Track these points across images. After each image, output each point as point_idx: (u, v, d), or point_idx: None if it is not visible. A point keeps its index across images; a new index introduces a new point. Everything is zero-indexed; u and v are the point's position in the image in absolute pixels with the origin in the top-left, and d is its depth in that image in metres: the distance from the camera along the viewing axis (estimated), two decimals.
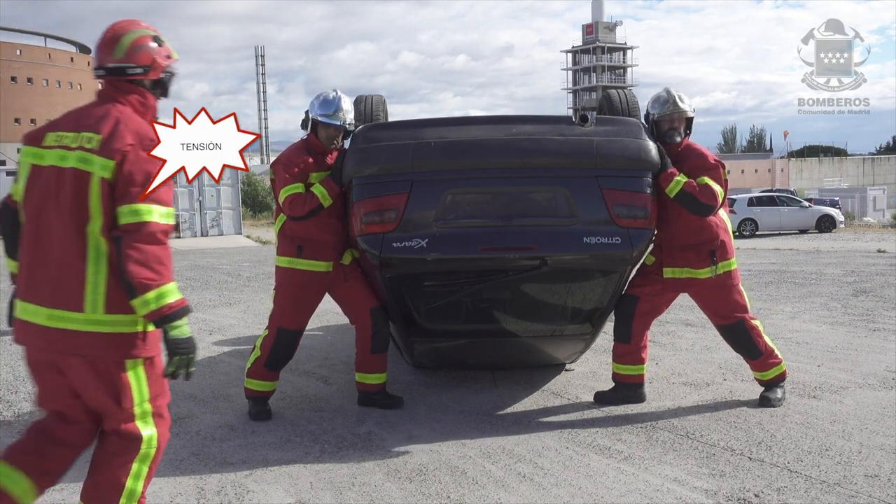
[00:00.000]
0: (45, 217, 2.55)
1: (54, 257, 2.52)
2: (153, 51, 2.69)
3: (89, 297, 2.50)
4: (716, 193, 4.30)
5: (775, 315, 7.72)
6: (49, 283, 2.53)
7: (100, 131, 2.53)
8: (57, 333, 2.52)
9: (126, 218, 2.49)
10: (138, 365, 2.59)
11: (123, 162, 2.49)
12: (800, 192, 39.60)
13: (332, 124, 4.44)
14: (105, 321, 2.51)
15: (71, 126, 2.61)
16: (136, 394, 2.59)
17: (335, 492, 3.46)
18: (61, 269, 2.51)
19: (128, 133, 2.54)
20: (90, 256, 2.50)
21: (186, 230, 22.02)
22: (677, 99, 4.53)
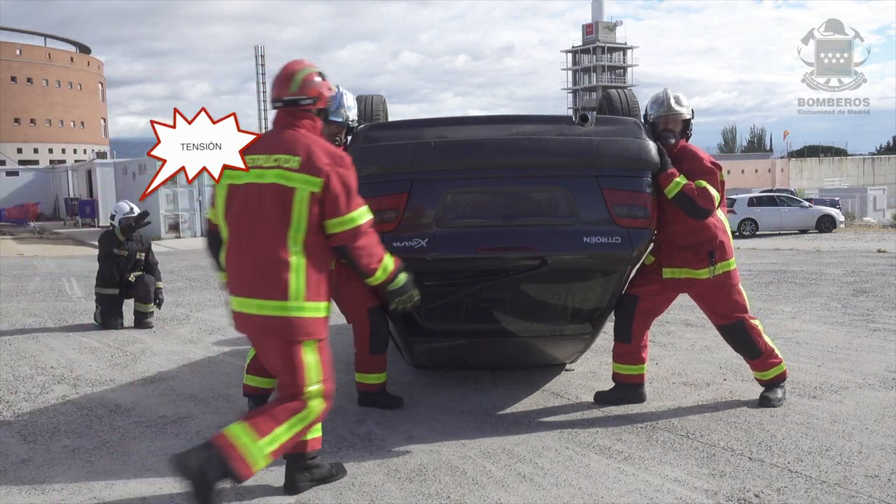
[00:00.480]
0: (249, 226, 3.10)
1: (259, 258, 3.07)
2: (319, 85, 3.25)
3: (293, 289, 3.04)
4: (713, 198, 4.31)
5: (775, 315, 7.71)
6: (257, 279, 3.07)
7: (297, 153, 3.08)
8: (264, 320, 3.08)
9: (342, 227, 3.12)
10: (315, 346, 3.14)
11: (329, 180, 3.06)
12: (800, 192, 39.59)
13: (335, 121, 4.43)
14: (307, 307, 3.07)
15: (262, 150, 3.15)
16: (313, 371, 3.13)
17: (335, 492, 3.46)
18: (267, 268, 3.05)
19: (323, 154, 3.10)
20: (291, 255, 3.05)
21: (186, 230, 22.05)
22: (672, 101, 4.52)
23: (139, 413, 4.75)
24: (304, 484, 3.41)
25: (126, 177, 24.36)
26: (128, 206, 8.03)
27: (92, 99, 68.40)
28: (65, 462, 3.91)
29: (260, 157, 3.14)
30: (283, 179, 3.07)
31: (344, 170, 3.13)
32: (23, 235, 24.94)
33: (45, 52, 64.41)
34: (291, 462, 3.40)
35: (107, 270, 7.85)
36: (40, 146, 61.45)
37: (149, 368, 5.98)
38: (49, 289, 11.34)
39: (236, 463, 2.97)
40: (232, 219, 3.17)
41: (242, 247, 3.13)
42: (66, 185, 33.42)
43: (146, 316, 7.84)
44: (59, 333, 7.60)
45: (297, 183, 3.06)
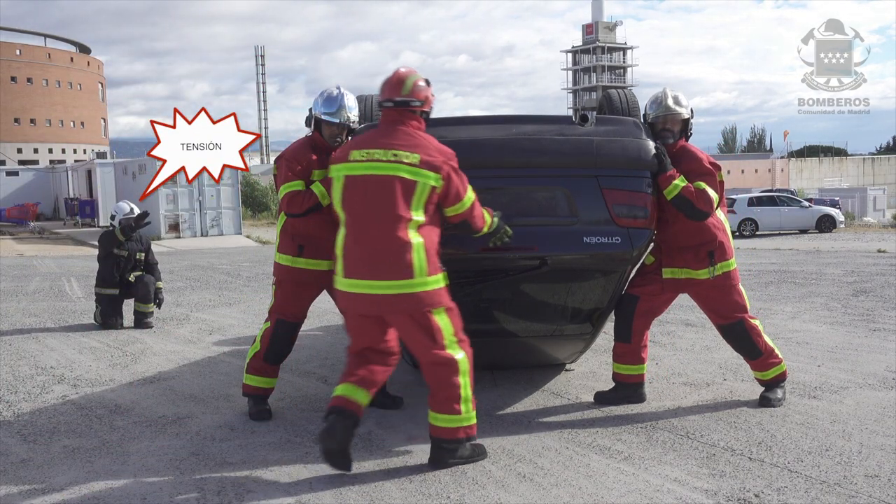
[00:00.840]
0: (370, 213, 3.50)
1: (382, 242, 3.46)
2: (425, 90, 3.68)
3: (416, 267, 3.46)
4: (711, 200, 4.31)
5: (775, 315, 7.71)
6: (382, 262, 3.46)
7: (415, 151, 3.52)
8: (394, 298, 3.48)
9: (462, 209, 3.66)
10: (443, 310, 3.57)
11: (449, 176, 3.54)
12: (800, 193, 39.60)
13: (334, 122, 4.43)
14: (429, 281, 3.50)
15: (376, 145, 3.56)
16: (447, 329, 3.57)
17: (335, 492, 3.46)
18: (390, 251, 3.44)
19: (438, 154, 3.55)
20: (412, 238, 3.46)
21: (186, 230, 22.02)
22: (671, 100, 4.52)
23: (139, 413, 4.75)
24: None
25: (126, 177, 24.34)
26: (128, 207, 8.03)
27: (92, 99, 68.37)
28: (65, 462, 3.91)
29: (377, 152, 3.54)
30: (405, 173, 3.49)
31: (455, 163, 3.59)
32: (23, 235, 24.93)
33: (45, 52, 64.36)
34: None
35: (107, 270, 7.85)
36: (40, 146, 61.42)
37: (149, 368, 5.98)
38: (49, 289, 11.34)
39: (464, 433, 3.63)
40: (351, 207, 3.57)
41: (363, 233, 3.53)
42: (66, 185, 33.39)
43: (146, 316, 7.84)
44: (59, 333, 7.60)
45: (420, 177, 3.50)
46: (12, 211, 31.31)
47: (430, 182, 3.53)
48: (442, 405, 3.63)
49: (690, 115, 4.58)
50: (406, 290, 3.50)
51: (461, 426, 3.63)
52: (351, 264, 3.60)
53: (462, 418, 3.62)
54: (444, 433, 3.63)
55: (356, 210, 3.58)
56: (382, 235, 3.50)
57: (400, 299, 3.52)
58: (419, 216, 3.53)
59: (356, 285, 3.58)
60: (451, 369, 3.59)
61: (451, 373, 3.59)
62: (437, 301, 3.56)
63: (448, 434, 3.63)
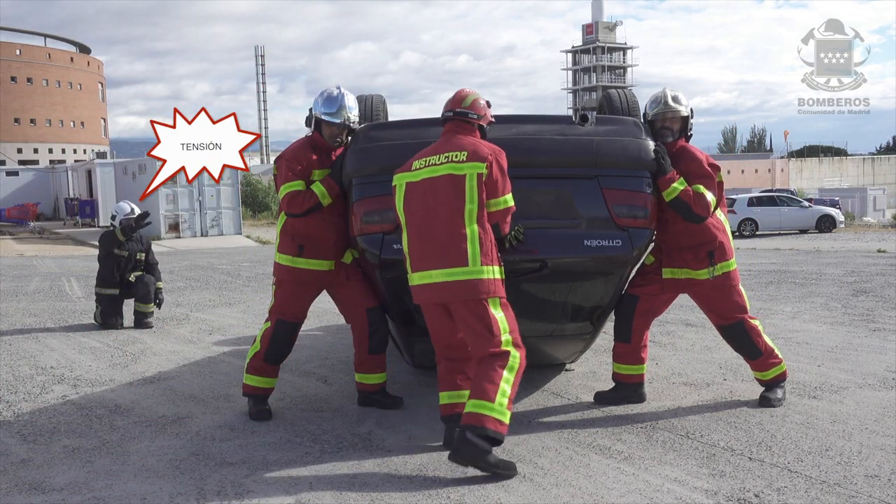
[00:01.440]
0: (429, 211, 3.72)
1: (441, 236, 3.69)
2: (484, 107, 3.97)
3: (470, 255, 3.64)
4: (708, 204, 4.31)
5: (775, 315, 7.71)
6: (441, 252, 3.68)
7: (464, 149, 3.76)
8: (452, 285, 3.66)
9: (500, 206, 3.76)
10: (498, 303, 3.69)
11: (492, 165, 3.69)
12: (800, 193, 39.59)
13: (334, 122, 4.43)
14: (484, 270, 3.65)
15: (433, 153, 3.83)
16: (503, 323, 3.67)
17: (335, 492, 3.46)
18: (448, 242, 3.66)
19: (486, 148, 3.77)
20: (468, 228, 3.66)
21: (186, 230, 22.02)
22: (670, 99, 4.52)
23: (139, 413, 4.75)
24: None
25: (126, 177, 24.33)
26: (128, 207, 8.03)
27: (92, 99, 68.35)
28: (65, 462, 3.91)
29: (433, 158, 3.81)
30: (454, 169, 3.72)
31: (502, 159, 3.76)
32: (23, 235, 24.93)
33: (45, 52, 64.33)
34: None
35: (107, 270, 7.85)
36: (40, 146, 61.40)
37: (149, 368, 5.98)
38: (49, 289, 11.34)
39: (492, 425, 3.51)
40: (411, 209, 3.80)
41: (424, 230, 3.74)
42: (66, 185, 33.37)
43: (146, 316, 7.84)
44: (59, 333, 7.60)
45: (467, 169, 3.70)
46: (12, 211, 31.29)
47: (476, 171, 3.70)
48: (478, 390, 3.59)
49: (690, 115, 4.58)
50: (460, 277, 3.64)
51: (491, 416, 3.53)
52: (415, 259, 3.80)
53: (494, 408, 3.54)
54: (471, 418, 3.53)
55: (416, 211, 3.78)
56: (439, 228, 3.70)
57: (455, 286, 3.66)
58: (472, 205, 3.69)
59: (421, 277, 3.76)
60: (501, 361, 3.63)
61: (500, 364, 3.62)
62: (492, 290, 3.67)
63: (475, 420, 3.51)
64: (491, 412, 3.53)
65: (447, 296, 3.72)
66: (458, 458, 3.51)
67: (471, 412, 3.56)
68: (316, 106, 4.48)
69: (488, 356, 3.64)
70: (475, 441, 3.48)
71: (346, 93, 4.49)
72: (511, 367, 3.64)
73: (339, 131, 4.46)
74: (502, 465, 3.55)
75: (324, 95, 4.49)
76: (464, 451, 3.49)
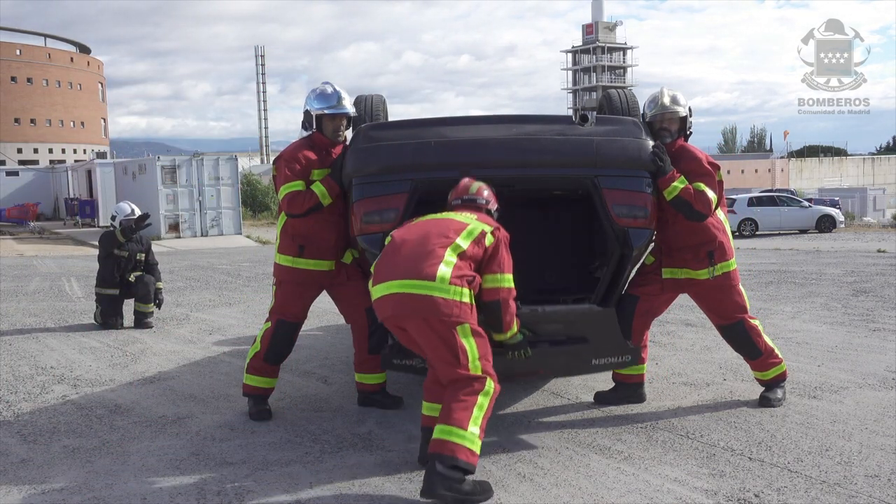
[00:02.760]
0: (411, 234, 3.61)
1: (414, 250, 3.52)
2: (490, 195, 3.97)
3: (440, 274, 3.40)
4: (710, 202, 4.30)
5: (775, 315, 7.71)
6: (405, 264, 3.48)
7: (474, 214, 3.75)
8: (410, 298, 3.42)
9: (499, 283, 3.59)
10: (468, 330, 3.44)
11: (498, 234, 3.64)
12: (800, 193, 39.58)
13: (339, 113, 4.44)
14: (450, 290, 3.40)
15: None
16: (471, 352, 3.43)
17: (335, 492, 3.46)
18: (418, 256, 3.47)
19: (494, 221, 3.75)
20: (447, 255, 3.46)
21: (186, 230, 22.00)
22: (667, 99, 4.52)
23: (139, 413, 4.75)
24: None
25: (126, 177, 24.31)
26: (129, 208, 8.03)
27: (92, 99, 68.34)
28: (65, 462, 3.91)
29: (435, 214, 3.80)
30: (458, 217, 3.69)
31: (507, 240, 3.68)
32: (23, 235, 24.92)
33: (45, 52, 64.32)
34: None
35: (107, 271, 7.85)
36: (40, 146, 61.40)
37: (149, 368, 5.98)
38: (49, 289, 11.34)
39: (464, 455, 3.29)
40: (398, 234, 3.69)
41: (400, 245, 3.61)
42: (66, 185, 33.36)
43: (146, 316, 7.84)
44: (59, 333, 7.60)
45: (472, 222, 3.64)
46: (12, 211, 31.27)
47: (481, 227, 3.61)
48: (449, 417, 3.35)
49: (689, 114, 4.58)
50: (422, 290, 3.39)
51: (462, 445, 3.28)
52: (379, 271, 3.58)
53: (465, 436, 3.30)
54: (440, 447, 3.28)
55: (401, 234, 3.66)
56: (418, 245, 3.52)
57: (413, 300, 3.40)
58: (463, 243, 3.51)
59: (378, 290, 3.53)
60: (476, 387, 3.41)
61: (473, 390, 3.40)
62: (458, 314, 3.40)
63: (446, 449, 3.27)
64: (462, 440, 3.29)
65: (404, 309, 3.45)
66: (432, 494, 3.24)
67: (442, 440, 3.30)
68: (311, 105, 4.48)
69: (462, 379, 3.41)
70: (447, 473, 3.24)
71: (338, 88, 4.51)
72: (486, 392, 3.42)
73: (342, 122, 4.47)
74: (478, 489, 3.34)
75: (316, 92, 4.50)
76: (437, 484, 3.23)
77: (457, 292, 3.41)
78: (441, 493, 3.23)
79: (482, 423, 3.38)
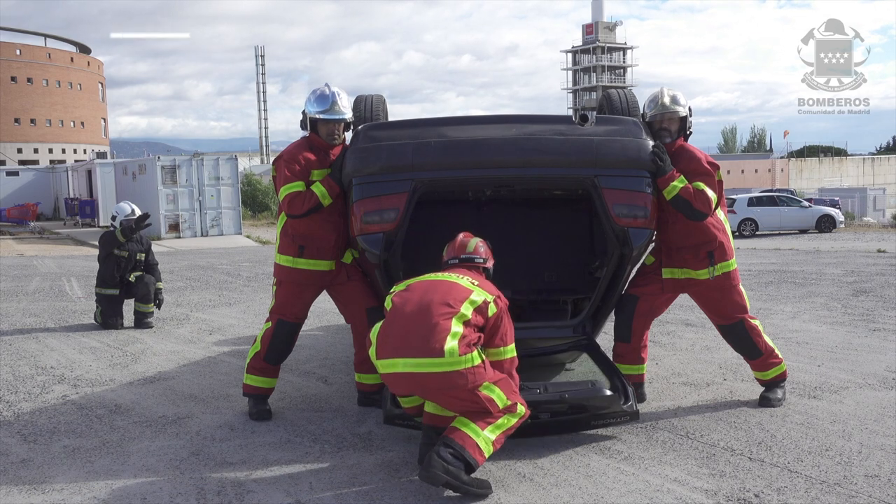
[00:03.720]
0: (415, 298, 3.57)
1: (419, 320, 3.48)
2: (486, 251, 3.99)
3: (448, 348, 3.37)
4: (710, 200, 4.30)
5: (775, 315, 7.71)
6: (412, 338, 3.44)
7: (474, 280, 3.69)
8: (422, 377, 3.42)
9: (501, 356, 3.62)
10: (489, 385, 3.46)
11: (500, 303, 3.62)
12: (799, 193, 39.58)
13: (332, 119, 4.44)
14: (461, 361, 3.38)
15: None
16: (499, 400, 3.46)
17: (335, 492, 3.46)
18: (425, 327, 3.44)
19: (491, 287, 3.70)
20: (453, 326, 3.43)
21: (186, 230, 22.00)
22: (667, 99, 4.52)
23: (139, 413, 4.75)
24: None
25: (126, 177, 24.30)
26: (129, 208, 8.03)
27: (92, 99, 68.30)
28: (65, 462, 3.91)
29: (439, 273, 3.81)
30: (463, 283, 3.65)
31: (505, 305, 3.68)
32: (23, 235, 24.92)
33: (45, 52, 64.26)
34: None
35: (107, 271, 7.85)
36: (40, 146, 61.36)
37: (149, 368, 5.98)
38: (49, 289, 11.34)
39: (472, 450, 3.34)
40: (401, 296, 3.64)
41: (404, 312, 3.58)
42: (66, 185, 33.35)
43: (146, 316, 7.84)
44: (59, 333, 7.60)
45: (476, 289, 3.62)
46: (12, 211, 31.26)
47: (484, 297, 3.58)
48: (473, 416, 3.42)
49: (689, 114, 4.58)
50: (435, 369, 3.37)
51: (476, 441, 3.35)
52: (383, 343, 3.53)
53: (480, 436, 3.37)
54: (453, 433, 3.37)
55: (402, 299, 3.60)
56: (422, 315, 3.47)
57: (430, 378, 3.40)
58: (468, 312, 3.48)
59: (386, 365, 3.50)
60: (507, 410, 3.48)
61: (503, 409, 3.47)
62: (475, 380, 3.41)
63: (458, 436, 3.35)
64: (476, 437, 3.37)
65: (421, 389, 3.50)
66: (429, 474, 3.27)
67: (457, 428, 3.38)
68: (308, 107, 4.49)
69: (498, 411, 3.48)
70: (450, 460, 3.28)
71: (336, 90, 4.49)
72: (516, 414, 3.51)
73: (336, 128, 4.47)
74: (476, 483, 3.36)
75: (315, 94, 4.50)
76: (438, 466, 3.26)
77: (468, 360, 3.40)
78: (439, 474, 3.26)
79: (500, 435, 3.45)
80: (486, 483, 3.41)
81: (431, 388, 3.44)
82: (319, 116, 4.44)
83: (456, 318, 3.44)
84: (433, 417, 3.63)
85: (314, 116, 4.45)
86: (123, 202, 8.32)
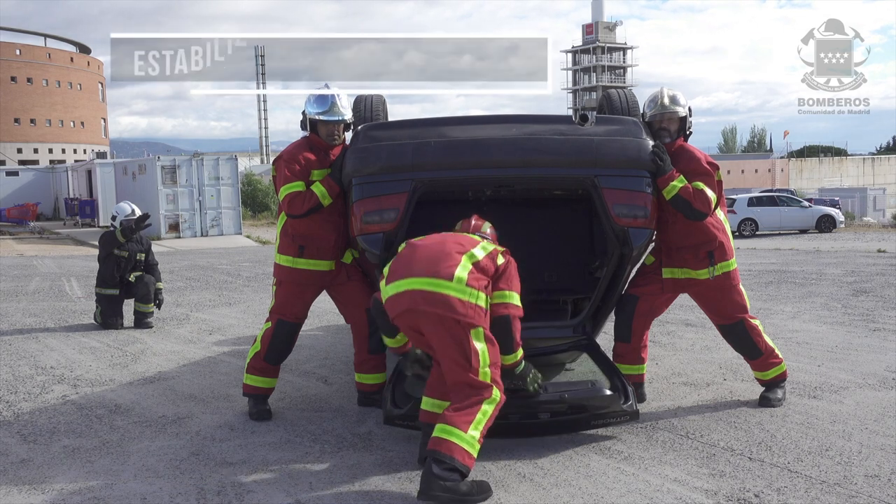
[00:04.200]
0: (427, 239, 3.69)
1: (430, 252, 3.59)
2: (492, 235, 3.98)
3: (457, 275, 3.46)
4: (709, 200, 4.30)
5: (775, 315, 7.71)
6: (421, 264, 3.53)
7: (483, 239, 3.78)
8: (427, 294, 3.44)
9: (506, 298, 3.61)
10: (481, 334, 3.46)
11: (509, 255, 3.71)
12: (799, 193, 39.58)
13: (331, 121, 4.44)
14: (467, 291, 3.44)
15: None
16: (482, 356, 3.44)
17: (335, 492, 3.46)
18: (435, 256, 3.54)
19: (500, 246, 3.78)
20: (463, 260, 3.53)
21: (186, 230, 22.00)
22: (667, 99, 4.52)
23: (139, 413, 4.75)
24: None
25: (126, 177, 24.30)
26: (129, 208, 8.03)
27: (92, 99, 68.29)
28: (65, 462, 3.91)
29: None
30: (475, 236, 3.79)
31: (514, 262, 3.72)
32: (23, 235, 24.91)
33: (45, 52, 64.26)
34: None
35: (107, 271, 7.85)
36: (40, 146, 61.36)
37: (149, 368, 5.98)
38: (49, 289, 11.34)
39: (460, 456, 3.29)
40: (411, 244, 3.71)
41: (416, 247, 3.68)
42: (66, 185, 33.35)
43: (146, 316, 7.84)
44: (59, 333, 7.60)
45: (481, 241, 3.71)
46: (12, 211, 31.27)
47: (493, 246, 3.71)
48: (451, 419, 3.36)
49: (688, 114, 4.58)
50: (439, 289, 3.43)
51: (460, 446, 3.29)
52: (393, 272, 3.60)
53: (464, 438, 3.32)
54: (438, 444, 3.29)
55: (417, 241, 3.70)
56: (435, 249, 3.58)
57: (429, 296, 3.43)
58: (479, 254, 3.58)
59: (392, 287, 3.54)
60: (480, 394, 3.42)
61: (477, 397, 3.41)
62: (473, 316, 3.43)
63: (443, 447, 3.28)
64: (461, 442, 3.31)
65: (420, 305, 3.44)
66: (429, 494, 3.24)
67: (441, 438, 3.32)
68: (308, 107, 4.49)
69: (468, 385, 3.42)
70: (444, 475, 3.24)
71: (336, 91, 4.50)
72: (492, 400, 3.43)
73: (336, 128, 4.47)
74: (476, 489, 3.33)
75: (315, 95, 4.49)
76: (434, 485, 3.23)
77: (472, 294, 3.46)
78: (438, 494, 3.22)
79: (483, 430, 3.39)
80: (486, 485, 3.39)
81: (429, 311, 3.42)
82: (319, 117, 4.44)
83: (466, 256, 3.55)
84: (431, 416, 3.62)
85: (314, 117, 4.45)
86: (123, 202, 8.32)
